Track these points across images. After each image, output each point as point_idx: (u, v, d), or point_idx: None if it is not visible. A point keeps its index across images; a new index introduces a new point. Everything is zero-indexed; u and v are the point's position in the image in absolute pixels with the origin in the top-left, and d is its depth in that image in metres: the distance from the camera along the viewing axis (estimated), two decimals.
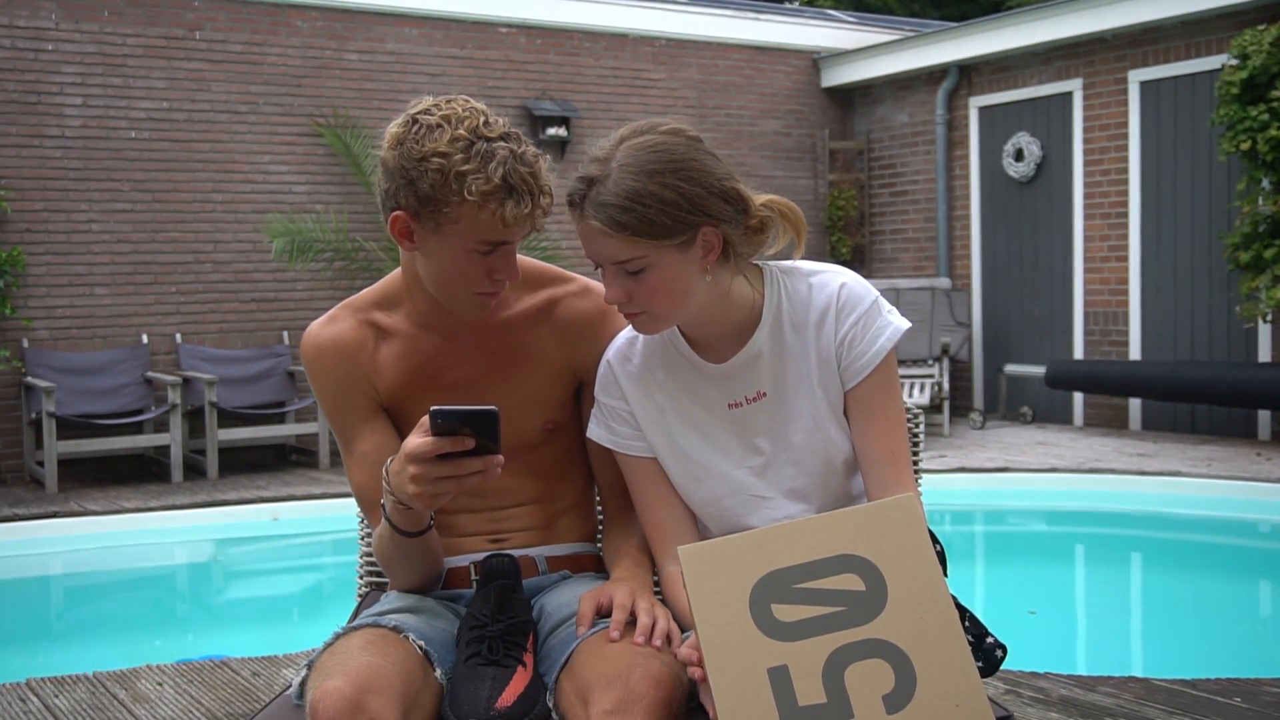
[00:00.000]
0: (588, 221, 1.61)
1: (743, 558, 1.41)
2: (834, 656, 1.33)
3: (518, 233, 1.69)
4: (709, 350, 1.76)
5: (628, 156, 1.61)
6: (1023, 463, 7.48)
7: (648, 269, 1.61)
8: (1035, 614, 5.19)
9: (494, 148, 1.64)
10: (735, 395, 1.75)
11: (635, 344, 1.81)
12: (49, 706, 3.45)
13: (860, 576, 1.37)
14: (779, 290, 1.75)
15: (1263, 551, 6.60)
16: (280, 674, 3.69)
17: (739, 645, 1.35)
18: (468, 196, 1.62)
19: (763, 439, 1.76)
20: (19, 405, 7.62)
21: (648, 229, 1.58)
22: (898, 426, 1.73)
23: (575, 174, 1.63)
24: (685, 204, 1.59)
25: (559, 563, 1.90)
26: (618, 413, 1.80)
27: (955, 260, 10.12)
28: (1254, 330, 8.23)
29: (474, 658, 1.65)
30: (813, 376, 1.74)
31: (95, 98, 7.87)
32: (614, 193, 1.58)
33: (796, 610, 1.36)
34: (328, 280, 8.36)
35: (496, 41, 9.16)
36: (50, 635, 5.41)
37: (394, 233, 1.72)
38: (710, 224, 1.62)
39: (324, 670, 1.56)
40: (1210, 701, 3.27)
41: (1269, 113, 7.21)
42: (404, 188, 1.66)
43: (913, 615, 1.34)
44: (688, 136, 1.65)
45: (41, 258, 7.72)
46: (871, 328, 1.71)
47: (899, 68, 10.26)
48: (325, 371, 1.84)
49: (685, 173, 1.60)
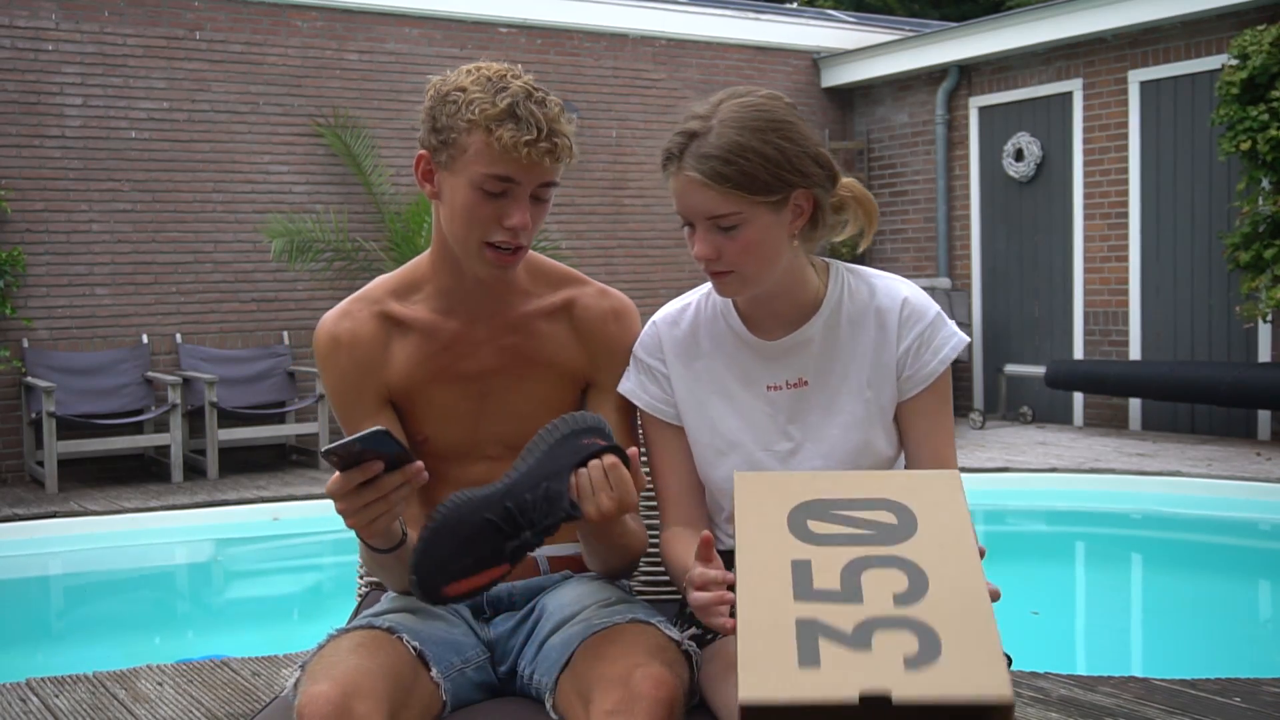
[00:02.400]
0: (686, 174, 1.63)
1: (791, 487, 1.49)
2: (855, 561, 1.39)
3: (524, 170, 1.67)
4: (760, 328, 1.78)
5: (730, 113, 1.65)
6: (1023, 463, 7.47)
7: (741, 226, 1.63)
8: (1038, 614, 5.19)
9: (511, 84, 1.68)
10: (777, 378, 1.77)
11: (686, 311, 1.83)
12: (49, 706, 3.45)
13: (894, 515, 1.45)
14: (842, 285, 1.77)
15: (1263, 551, 6.60)
16: (280, 674, 3.69)
17: (770, 547, 1.41)
18: (472, 118, 1.65)
19: (795, 427, 1.77)
20: (19, 405, 7.62)
21: (747, 183, 1.61)
22: (949, 434, 1.78)
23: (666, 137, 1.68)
24: (785, 162, 1.63)
25: (561, 563, 1.89)
26: (653, 371, 1.82)
27: (955, 260, 10.12)
28: (1254, 330, 8.23)
29: (488, 523, 1.59)
30: (863, 375, 1.76)
31: (95, 98, 7.87)
32: (716, 145, 1.62)
33: (830, 527, 1.43)
34: (328, 280, 8.36)
35: (496, 41, 9.16)
36: (50, 635, 5.41)
37: (417, 175, 1.77)
38: (804, 187, 1.66)
39: (312, 674, 1.56)
40: (1210, 701, 3.27)
41: (1269, 113, 7.21)
42: (426, 127, 1.72)
43: (936, 547, 1.40)
44: (786, 102, 1.70)
45: (41, 258, 7.72)
46: (935, 340, 1.75)
47: (899, 68, 10.26)
48: (336, 366, 1.84)
49: (785, 132, 1.65)
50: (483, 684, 1.77)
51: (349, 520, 1.57)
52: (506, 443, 1.85)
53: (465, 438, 1.85)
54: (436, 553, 1.58)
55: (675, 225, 1.78)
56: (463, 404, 1.84)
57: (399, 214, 8.45)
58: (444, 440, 1.86)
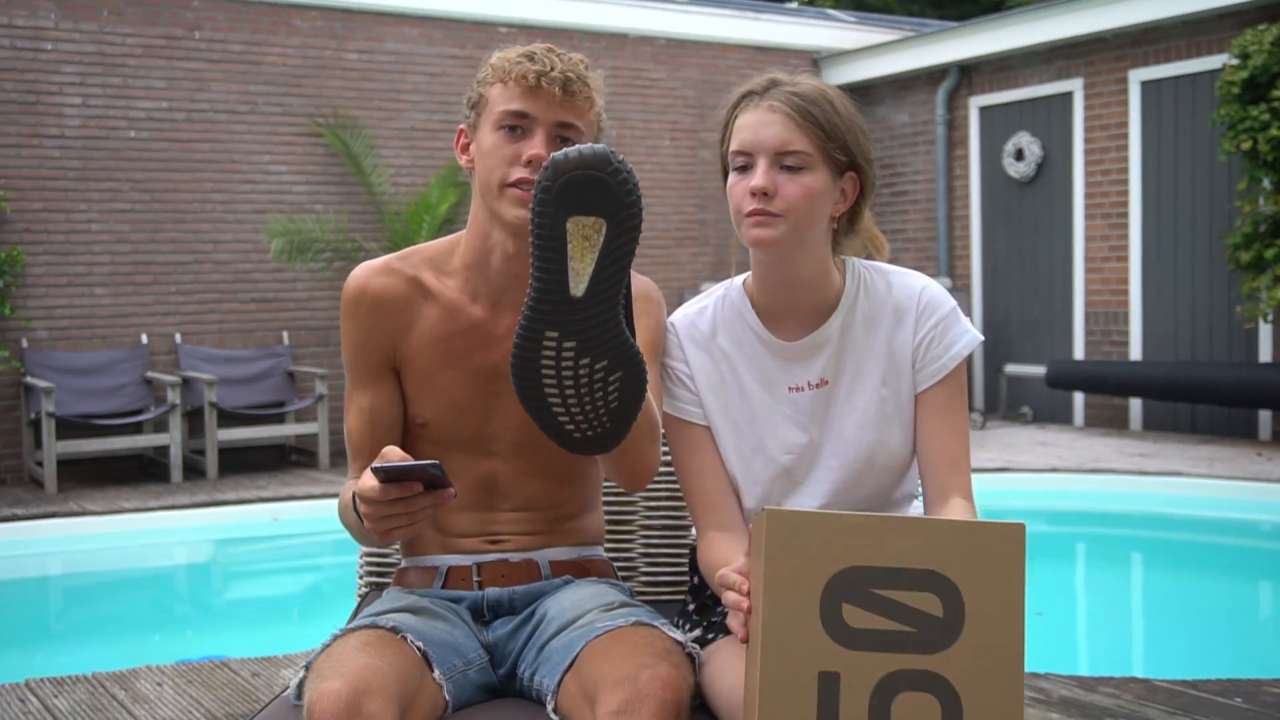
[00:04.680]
0: (769, 103, 1.67)
1: (830, 541, 1.34)
2: (888, 679, 1.30)
3: (538, 104, 1.71)
4: (780, 328, 1.78)
5: (815, 80, 1.73)
6: (1023, 463, 7.47)
7: (805, 169, 1.66)
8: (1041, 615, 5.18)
9: (533, 45, 1.76)
10: (798, 379, 1.77)
11: (704, 313, 1.82)
12: (48, 707, 3.44)
13: (941, 600, 1.32)
14: (859, 282, 1.78)
15: (1263, 551, 6.59)
16: (280, 674, 3.68)
17: (799, 637, 1.32)
18: (495, 67, 1.75)
19: (815, 426, 1.77)
20: (18, 405, 7.61)
21: (825, 130, 1.66)
22: (962, 433, 1.77)
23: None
24: (856, 133, 1.70)
25: (563, 567, 1.88)
26: (676, 374, 1.80)
27: (955, 260, 10.12)
28: (1254, 330, 8.22)
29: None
30: (878, 373, 1.76)
31: (95, 97, 7.86)
32: (807, 88, 1.69)
33: (867, 618, 1.32)
34: (327, 280, 8.35)
35: (496, 41, 9.07)
36: (50, 635, 5.40)
37: (457, 151, 1.83)
38: (859, 171, 1.71)
39: (321, 672, 1.56)
40: (1211, 702, 3.26)
41: (1270, 112, 7.20)
42: (465, 107, 1.81)
43: (980, 660, 1.30)
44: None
45: (41, 258, 7.71)
46: (950, 333, 1.75)
47: (899, 68, 10.25)
48: (359, 317, 1.85)
49: (859, 115, 1.74)
50: (484, 685, 1.76)
51: (369, 523, 1.58)
52: (512, 442, 1.84)
53: (471, 431, 1.84)
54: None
55: (676, 225, 1.77)
56: (471, 395, 1.84)
57: (399, 214, 8.45)
58: (447, 429, 1.85)
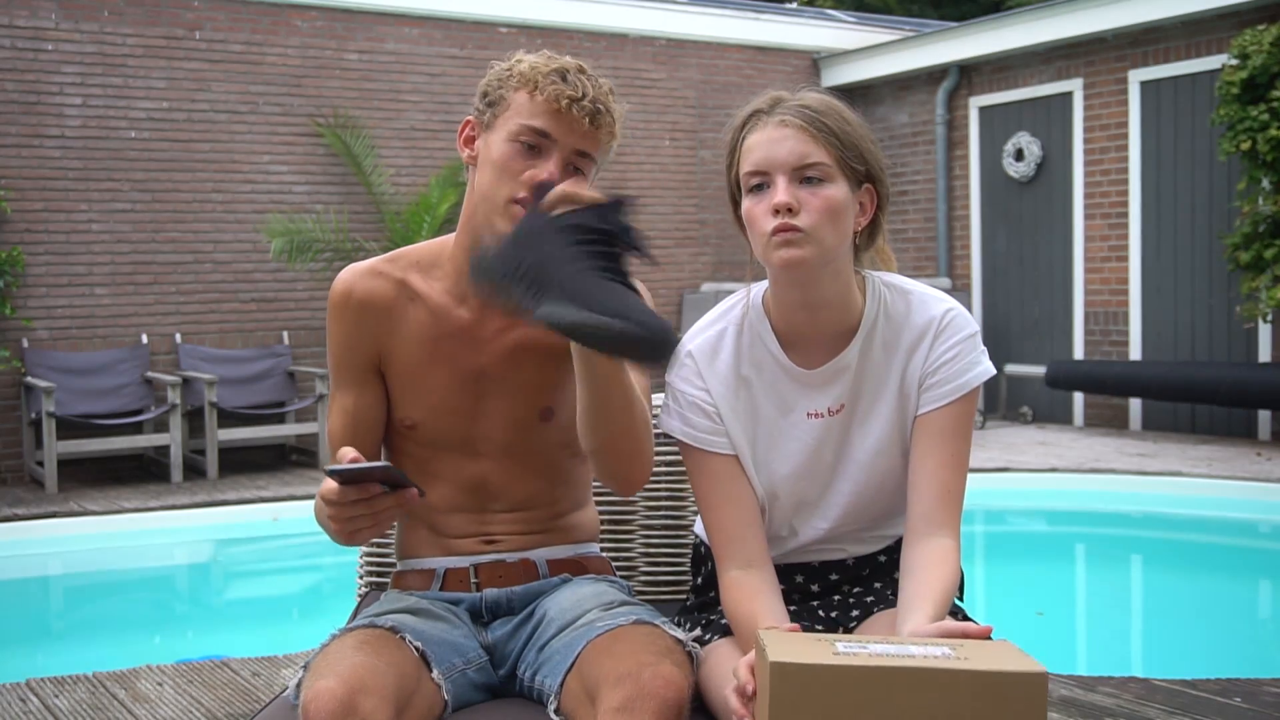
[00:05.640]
0: (779, 119, 1.65)
1: (840, 695, 1.25)
2: None
3: (562, 127, 1.69)
4: (800, 353, 1.72)
5: (818, 91, 1.72)
6: (1023, 463, 7.47)
7: (826, 182, 1.63)
8: (1042, 615, 5.19)
9: (566, 62, 1.73)
10: (818, 405, 1.72)
11: (723, 339, 1.75)
12: (49, 706, 3.45)
13: None
14: (880, 303, 1.72)
15: (1263, 551, 6.59)
16: (280, 674, 3.68)
17: None
18: (522, 73, 1.71)
19: (830, 451, 1.74)
20: (19, 405, 7.61)
21: (840, 140, 1.64)
22: (960, 465, 1.68)
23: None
24: (868, 144, 1.68)
25: (560, 566, 1.88)
26: (698, 404, 1.73)
27: (955, 260, 10.12)
28: (1254, 330, 8.22)
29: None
30: (892, 398, 1.72)
31: (95, 98, 7.86)
32: (816, 99, 1.68)
33: None
34: (328, 280, 8.34)
35: (496, 41, 9.16)
36: (50, 635, 5.40)
37: (459, 142, 1.80)
38: (874, 182, 1.69)
39: (317, 671, 1.56)
40: (1210, 701, 3.26)
41: (1269, 112, 7.20)
42: (478, 96, 1.78)
43: None
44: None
45: (41, 258, 7.72)
46: (965, 359, 1.69)
47: (899, 68, 10.25)
48: (345, 320, 1.84)
49: (868, 128, 1.72)
50: (483, 685, 1.76)
51: (334, 524, 1.58)
52: (500, 443, 1.84)
53: (458, 433, 1.84)
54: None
55: (676, 225, 1.77)
56: (459, 397, 1.83)
57: (399, 214, 8.45)
58: (435, 431, 1.85)
